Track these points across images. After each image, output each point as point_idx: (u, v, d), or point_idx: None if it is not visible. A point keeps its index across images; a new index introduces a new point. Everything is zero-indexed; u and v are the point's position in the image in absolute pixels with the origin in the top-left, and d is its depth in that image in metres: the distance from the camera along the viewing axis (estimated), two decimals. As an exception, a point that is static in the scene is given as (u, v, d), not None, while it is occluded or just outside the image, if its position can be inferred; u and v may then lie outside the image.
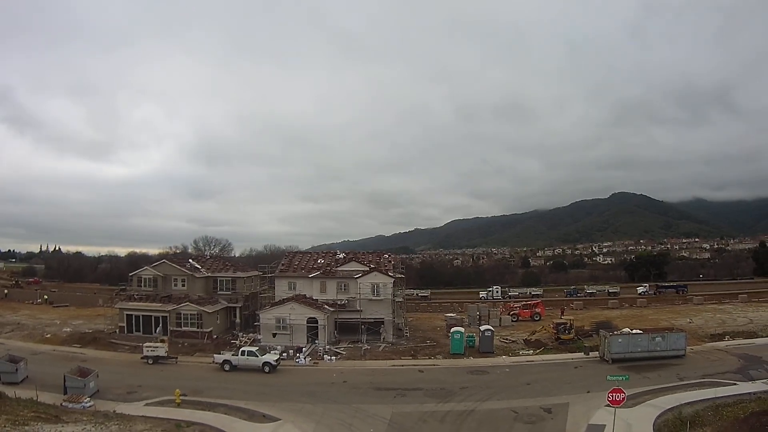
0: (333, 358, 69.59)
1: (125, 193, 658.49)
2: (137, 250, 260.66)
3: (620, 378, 42.75)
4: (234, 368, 62.82)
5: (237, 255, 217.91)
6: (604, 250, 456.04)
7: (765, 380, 55.23)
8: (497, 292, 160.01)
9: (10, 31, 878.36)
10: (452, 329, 76.09)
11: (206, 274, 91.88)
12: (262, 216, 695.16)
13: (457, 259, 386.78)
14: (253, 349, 65.31)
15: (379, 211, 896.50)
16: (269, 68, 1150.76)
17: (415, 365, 65.42)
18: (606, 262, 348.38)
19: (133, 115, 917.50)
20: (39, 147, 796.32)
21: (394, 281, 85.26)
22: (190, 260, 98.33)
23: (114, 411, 45.72)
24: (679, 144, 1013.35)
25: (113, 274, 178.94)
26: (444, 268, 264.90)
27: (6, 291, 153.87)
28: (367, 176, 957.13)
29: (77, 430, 39.61)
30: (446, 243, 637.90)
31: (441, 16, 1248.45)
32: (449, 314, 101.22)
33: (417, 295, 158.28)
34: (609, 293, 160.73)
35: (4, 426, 39.29)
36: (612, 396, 37.92)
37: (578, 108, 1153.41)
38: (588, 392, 49.14)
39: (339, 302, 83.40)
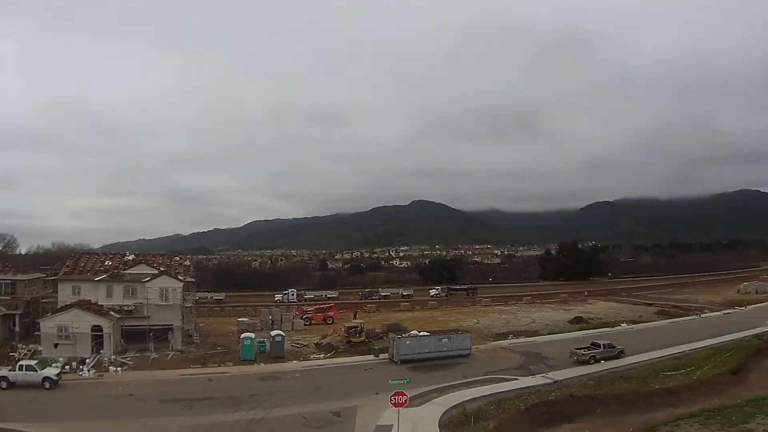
0: (119, 369, 66.73)
1: None
2: None
3: (402, 381, 45.14)
4: (12, 385, 58.16)
5: (23, 253, 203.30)
6: (401, 254, 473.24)
7: (543, 374, 61.51)
8: (293, 294, 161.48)
9: None
10: (243, 335, 76.25)
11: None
12: (53, 209, 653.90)
13: (255, 260, 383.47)
14: (32, 362, 61.07)
15: (178, 209, 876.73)
16: (74, 48, 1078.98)
17: (204, 374, 64.50)
18: (402, 266, 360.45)
19: None
20: None
21: (184, 285, 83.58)
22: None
23: None
24: (481, 160, 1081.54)
25: None
26: (241, 270, 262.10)
27: None
28: (169, 171, 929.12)
29: None
30: (246, 244, 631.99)
31: (262, 16, 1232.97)
32: (241, 319, 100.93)
33: (211, 298, 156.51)
34: (402, 296, 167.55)
35: None
36: (395, 399, 40.00)
37: (388, 119, 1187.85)
38: (377, 394, 50.74)
39: (126, 308, 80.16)
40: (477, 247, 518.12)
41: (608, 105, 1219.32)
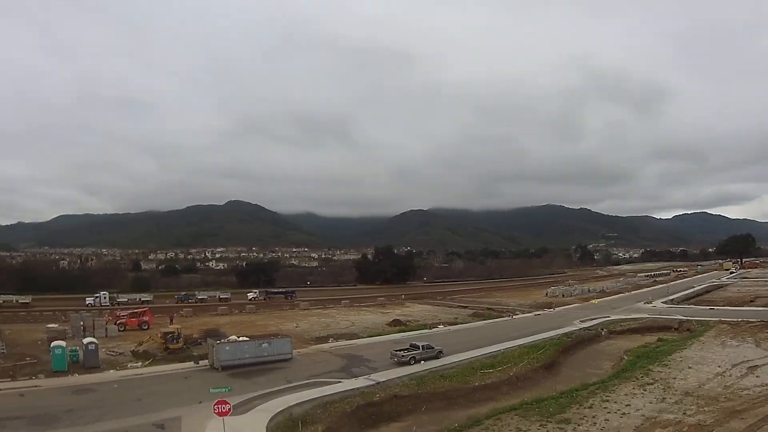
0: None
1: None
2: None
3: (223, 389, 45.75)
4: None
5: None
6: (218, 255, 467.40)
7: (366, 376, 63.35)
8: (105, 298, 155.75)
9: None
10: (53, 343, 72.37)
11: None
12: None
13: (64, 259, 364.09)
14: None
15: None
16: None
17: (14, 388, 59.95)
18: (219, 268, 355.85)
19: None
20: None
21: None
22: None
23: None
24: (295, 163, 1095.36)
25: None
26: (49, 270, 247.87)
27: None
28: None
29: None
30: (54, 240, 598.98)
31: None
32: (51, 325, 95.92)
33: (17, 301, 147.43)
34: (220, 299, 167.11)
35: None
36: (218, 408, 40.35)
37: (201, 114, 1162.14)
38: (200, 403, 50.16)
39: None
40: (294, 249, 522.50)
41: (419, 120, 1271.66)
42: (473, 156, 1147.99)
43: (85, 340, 73.32)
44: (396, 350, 72.05)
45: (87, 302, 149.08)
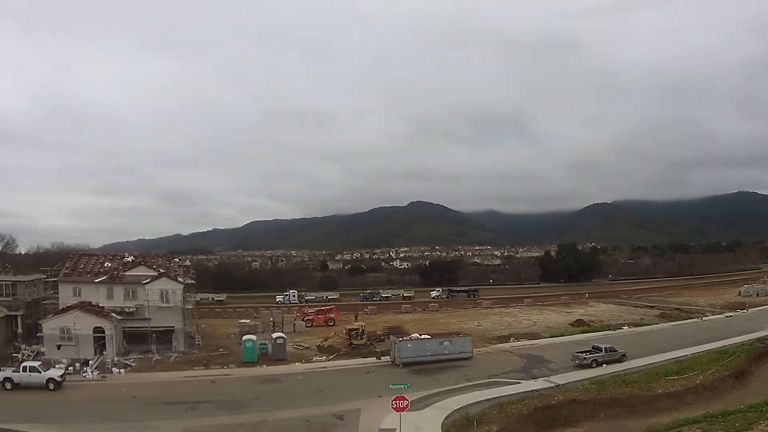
0: (122, 370, 66.97)
1: None
2: None
3: (402, 386, 45.17)
4: (16, 386, 58.54)
5: (23, 253, 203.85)
6: (401, 255, 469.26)
7: (546, 378, 61.15)
8: (294, 296, 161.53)
9: None
10: (244, 337, 76.45)
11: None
12: (51, 209, 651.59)
13: (255, 261, 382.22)
14: (36, 363, 61.44)
15: (176, 209, 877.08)
16: (67, 47, 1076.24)
17: (207, 375, 64.70)
18: (402, 267, 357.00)
19: None
20: None
21: (184, 287, 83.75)
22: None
23: None
24: (474, 161, 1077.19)
25: None
26: (242, 271, 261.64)
27: None
28: (162, 172, 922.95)
29: None
30: (245, 244, 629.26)
31: (247, 21, 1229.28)
32: (243, 320, 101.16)
33: (212, 299, 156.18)
34: (404, 297, 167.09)
35: None
36: (395, 403, 40.14)
37: (379, 120, 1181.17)
38: (379, 397, 50.53)
39: (127, 309, 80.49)
40: (476, 248, 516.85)
41: (595, 108, 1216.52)
42: (656, 142, 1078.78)
43: (274, 335, 76.63)
44: (577, 352, 69.29)
45: (277, 300, 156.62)
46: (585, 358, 67.22)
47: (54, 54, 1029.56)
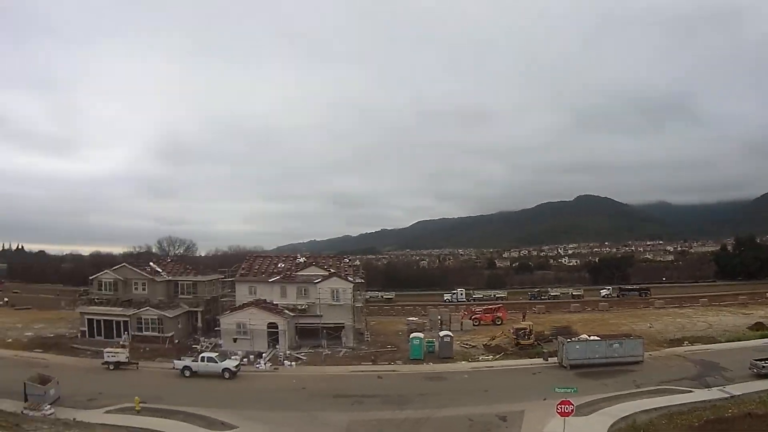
0: (293, 363, 69.67)
1: (88, 191, 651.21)
2: (101, 249, 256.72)
3: (568, 390, 43.44)
4: (194, 374, 62.69)
5: (202, 255, 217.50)
6: (570, 251, 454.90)
7: (720, 387, 56.05)
8: (461, 294, 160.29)
9: None
10: (412, 334, 76.79)
11: (167, 278, 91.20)
12: (227, 215, 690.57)
13: (423, 260, 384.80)
14: (213, 354, 65.44)
15: (345, 212, 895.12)
16: (233, 70, 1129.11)
17: (374, 371, 65.75)
18: (571, 264, 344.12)
19: (95, 112, 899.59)
20: None
21: (354, 286, 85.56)
22: (151, 263, 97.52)
23: (74, 419, 45.96)
24: (640, 149, 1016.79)
25: (76, 274, 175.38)
26: (410, 270, 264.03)
27: None
28: (330, 177, 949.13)
29: None
30: (413, 244, 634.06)
31: (404, 24, 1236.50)
32: (411, 318, 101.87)
33: (381, 297, 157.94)
34: (572, 296, 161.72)
35: None
36: (560, 407, 38.86)
37: (538, 115, 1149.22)
38: (544, 399, 48.84)
39: (299, 307, 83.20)
40: (648, 243, 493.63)
41: (764, 83, 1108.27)
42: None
43: (441, 333, 76.38)
44: (756, 360, 62.41)
45: (445, 298, 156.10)
46: (764, 366, 60.60)
47: (221, 76, 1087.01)
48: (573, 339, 71.10)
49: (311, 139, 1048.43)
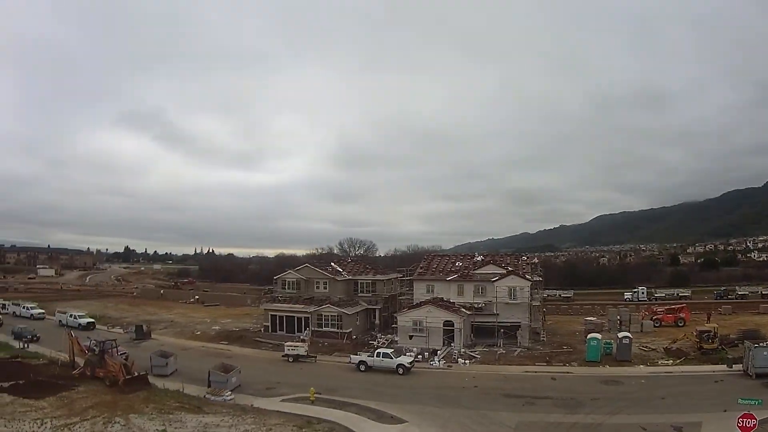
0: (467, 361, 69.69)
1: (272, 199, 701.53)
2: (285, 252, 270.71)
3: (752, 402, 39.30)
4: (369, 369, 64.63)
5: (381, 255, 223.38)
6: (759, 245, 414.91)
7: None
8: (643, 293, 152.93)
9: (156, 58, 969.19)
10: (589, 335, 74.35)
11: (347, 277, 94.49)
12: (404, 216, 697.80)
13: (603, 256, 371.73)
14: (388, 350, 67.06)
15: (522, 208, 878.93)
16: (399, 75, 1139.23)
17: (548, 372, 64.35)
18: (761, 259, 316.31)
19: (276, 127, 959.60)
20: (190, 160, 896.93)
21: (531, 284, 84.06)
22: (332, 263, 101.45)
23: (252, 405, 49.06)
24: None
25: (262, 274, 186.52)
26: (589, 267, 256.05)
27: (162, 291, 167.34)
28: (505, 173, 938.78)
29: (216, 421, 42.60)
30: (592, 240, 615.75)
31: (563, 8, 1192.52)
32: (589, 318, 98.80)
33: (559, 296, 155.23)
34: (762, 295, 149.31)
35: (152, 413, 44.02)
36: (742, 421, 35.49)
37: (716, 93, 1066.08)
38: (725, 411, 45.01)
39: (476, 305, 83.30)
40: None
41: None
42: None
43: (620, 334, 73.24)
44: None
45: (625, 297, 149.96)
46: None
47: (390, 82, 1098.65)
48: (761, 344, 65.51)
49: (485, 136, 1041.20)
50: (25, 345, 77.95)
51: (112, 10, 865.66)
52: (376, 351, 67.17)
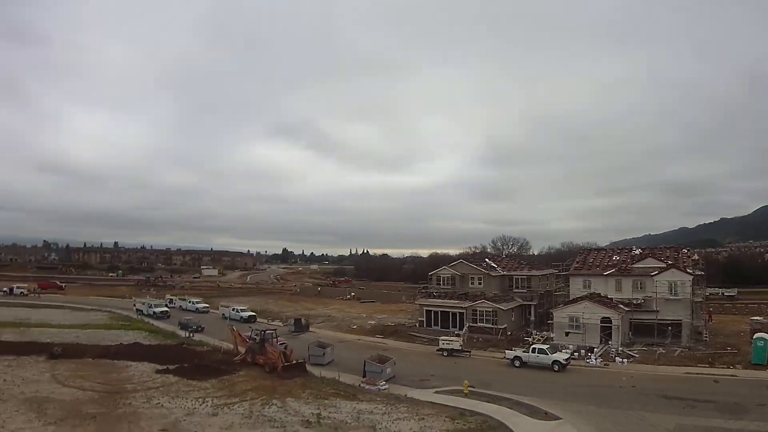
0: (624, 360, 66.56)
1: (424, 200, 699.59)
2: (438, 251, 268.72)
3: None
4: (523, 365, 63.44)
5: (535, 253, 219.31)
6: None
7: None
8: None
9: (305, 69, 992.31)
10: (755, 335, 69.04)
11: (502, 273, 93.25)
12: (558, 213, 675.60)
13: None
14: (544, 347, 65.44)
15: (679, 201, 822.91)
16: (543, 70, 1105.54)
17: (710, 374, 59.92)
18: None
19: (423, 129, 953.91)
20: (343, 165, 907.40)
21: (693, 279, 78.89)
22: (486, 260, 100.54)
23: (405, 395, 49.51)
24: None
25: (416, 273, 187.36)
26: (754, 263, 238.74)
27: (319, 288, 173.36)
28: (658, 164, 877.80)
29: (370, 408, 43.44)
30: (756, 233, 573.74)
31: None
32: (755, 318, 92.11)
33: (722, 294, 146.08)
34: None
35: (308, 398, 45.89)
36: None
37: None
38: None
39: (634, 301, 79.53)
40: None
41: None
42: None
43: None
44: None
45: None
46: None
47: (529, 81, 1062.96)
48: None
49: (629, 127, 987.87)
50: (191, 334, 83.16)
51: (264, 35, 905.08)
52: (531, 347, 65.84)
